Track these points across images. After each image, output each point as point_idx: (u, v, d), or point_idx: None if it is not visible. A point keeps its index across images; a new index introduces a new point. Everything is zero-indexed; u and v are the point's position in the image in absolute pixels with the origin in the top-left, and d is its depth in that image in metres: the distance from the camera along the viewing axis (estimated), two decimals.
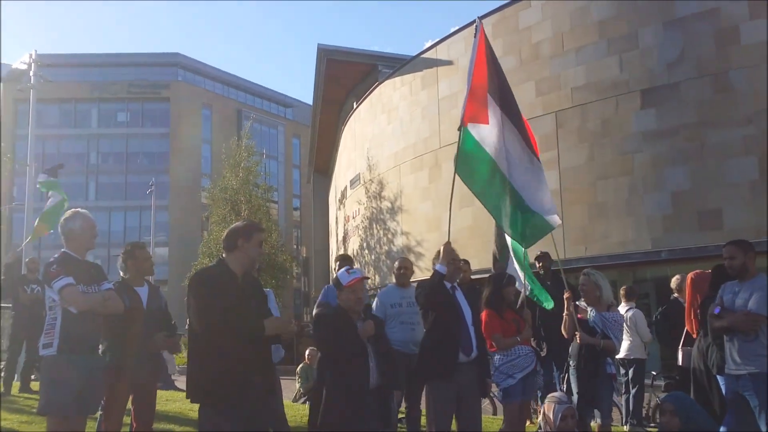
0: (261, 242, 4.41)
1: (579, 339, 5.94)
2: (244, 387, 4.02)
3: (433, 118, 20.03)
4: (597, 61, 15.89)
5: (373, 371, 4.50)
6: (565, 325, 6.14)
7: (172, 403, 9.25)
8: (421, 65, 21.26)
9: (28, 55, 25.28)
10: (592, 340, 5.95)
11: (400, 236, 22.07)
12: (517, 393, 6.12)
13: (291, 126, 66.26)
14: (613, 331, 6.01)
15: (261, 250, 4.45)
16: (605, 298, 6.20)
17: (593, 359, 5.97)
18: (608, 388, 6.04)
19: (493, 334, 5.90)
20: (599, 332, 5.98)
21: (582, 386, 5.97)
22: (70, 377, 4.58)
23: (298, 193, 64.68)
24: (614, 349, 6.08)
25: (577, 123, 16.11)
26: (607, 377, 6.01)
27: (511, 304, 6.38)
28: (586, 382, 5.97)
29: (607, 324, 6.01)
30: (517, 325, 6.22)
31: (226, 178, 31.62)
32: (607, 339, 5.97)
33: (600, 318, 6.03)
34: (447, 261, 5.38)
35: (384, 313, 7.08)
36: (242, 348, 4.02)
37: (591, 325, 6.03)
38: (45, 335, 4.68)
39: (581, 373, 5.99)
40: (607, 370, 6.01)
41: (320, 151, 36.25)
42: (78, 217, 4.95)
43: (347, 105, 30.73)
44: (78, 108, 56.20)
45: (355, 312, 4.63)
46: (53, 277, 4.61)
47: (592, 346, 5.95)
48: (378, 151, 23.89)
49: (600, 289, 6.15)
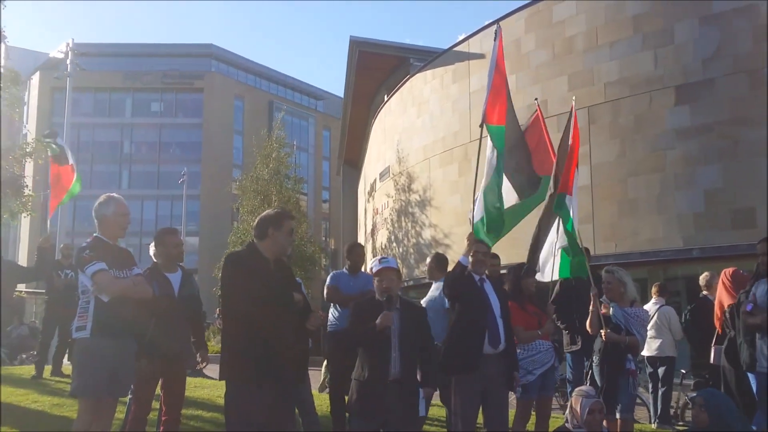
0: (292, 230, 4.44)
1: (605, 337, 5.92)
2: (273, 369, 4.07)
3: (463, 112, 19.97)
4: (631, 56, 15.70)
5: (395, 362, 4.49)
6: (590, 322, 6.12)
7: (201, 389, 9.37)
8: (453, 58, 21.18)
9: (66, 44, 25.63)
10: (619, 338, 5.94)
11: (428, 229, 22.06)
12: (534, 389, 6.15)
13: (321, 118, 66.44)
14: (635, 327, 5.99)
15: (291, 238, 4.48)
16: (629, 295, 6.18)
17: (618, 356, 5.95)
18: (628, 383, 6.01)
19: (513, 326, 5.89)
20: (623, 329, 5.96)
21: (605, 382, 5.95)
22: (103, 360, 4.64)
23: (327, 186, 64.84)
24: (638, 345, 6.05)
25: (609, 118, 15.95)
26: (628, 372, 5.99)
27: (531, 296, 6.38)
28: (609, 378, 5.95)
29: (629, 320, 5.99)
30: (539, 319, 6.22)
31: (257, 169, 31.79)
32: (630, 335, 5.95)
33: (622, 314, 6.00)
34: (471, 252, 5.42)
35: (443, 305, 7.19)
36: (272, 332, 4.07)
37: (614, 322, 6.01)
38: (78, 318, 4.73)
39: (605, 368, 5.98)
40: (627, 365, 5.99)
41: (350, 144, 36.30)
42: (112, 203, 4.98)
43: (378, 98, 30.71)
44: (112, 97, 56.87)
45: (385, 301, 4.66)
46: (86, 263, 4.66)
47: (617, 343, 5.94)
48: (408, 144, 23.87)
49: (624, 286, 6.13)
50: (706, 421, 4.61)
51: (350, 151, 37.08)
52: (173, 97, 57.24)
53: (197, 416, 7.65)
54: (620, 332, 5.95)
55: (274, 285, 4.19)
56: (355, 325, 4.63)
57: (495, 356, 5.36)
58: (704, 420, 4.62)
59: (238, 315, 4.11)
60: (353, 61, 29.99)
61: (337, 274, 7.17)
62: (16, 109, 17.63)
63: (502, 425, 5.41)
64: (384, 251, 24.99)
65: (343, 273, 7.12)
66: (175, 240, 5.71)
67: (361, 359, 4.58)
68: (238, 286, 4.11)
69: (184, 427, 6.20)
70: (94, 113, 55.37)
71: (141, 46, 59.71)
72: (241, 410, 4.11)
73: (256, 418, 4.14)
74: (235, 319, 4.16)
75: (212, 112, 55.73)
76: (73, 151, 8.45)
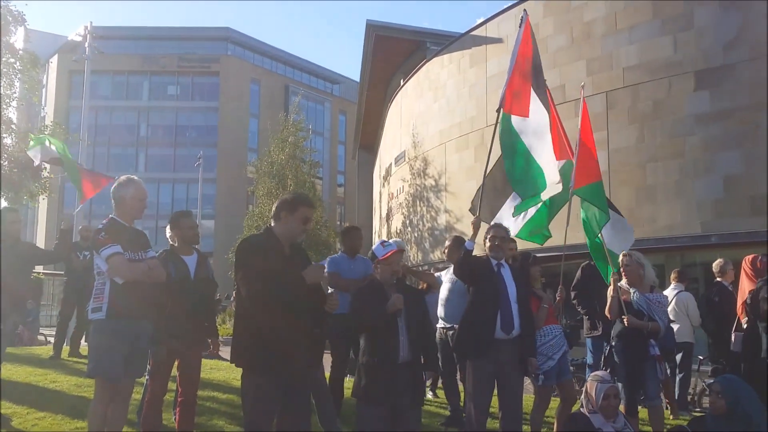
0: (305, 218, 4.32)
1: (627, 322, 5.89)
2: (286, 355, 4.06)
3: (480, 97, 19.85)
4: (650, 41, 15.50)
5: (403, 345, 4.48)
6: (610, 307, 6.08)
7: (217, 371, 9.44)
8: (470, 43, 21.02)
9: (84, 27, 25.70)
10: (641, 324, 5.90)
11: (443, 214, 22.02)
12: (553, 376, 6.14)
13: (337, 102, 66.37)
14: (657, 313, 5.96)
15: (304, 227, 4.35)
16: (648, 278, 6.14)
17: (640, 342, 5.91)
18: (654, 370, 5.97)
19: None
20: (645, 315, 5.93)
21: (630, 369, 5.91)
22: (118, 341, 4.67)
23: (342, 170, 64.87)
24: (660, 331, 6.01)
25: (628, 104, 15.78)
26: (653, 359, 5.96)
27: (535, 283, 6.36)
28: (633, 365, 5.91)
29: (651, 306, 5.96)
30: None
31: (272, 153, 31.82)
32: (652, 321, 5.92)
33: (644, 300, 5.97)
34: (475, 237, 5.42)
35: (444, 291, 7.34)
36: (286, 317, 4.05)
37: (636, 308, 5.97)
38: (94, 300, 4.75)
39: (628, 355, 5.94)
40: (651, 351, 5.96)
41: (366, 128, 36.22)
42: (131, 185, 4.98)
43: (394, 82, 30.58)
44: (130, 80, 57.09)
45: (390, 285, 4.62)
46: (101, 245, 4.66)
47: (639, 329, 5.89)
48: (424, 128, 23.78)
49: (643, 267, 6.10)
50: (723, 408, 4.58)
51: (366, 136, 37.01)
52: (190, 81, 57.36)
53: (213, 398, 7.70)
54: (642, 318, 5.92)
55: (287, 268, 4.16)
56: (361, 311, 4.55)
57: (508, 341, 5.32)
58: (721, 407, 4.59)
59: (250, 299, 4.11)
60: (369, 45, 29.86)
61: (336, 259, 6.99)
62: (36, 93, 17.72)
63: (515, 410, 5.38)
64: (399, 236, 24.97)
65: (343, 257, 6.99)
66: (189, 222, 5.73)
67: (369, 344, 4.52)
68: (251, 270, 4.09)
69: (199, 409, 6.26)
70: (111, 96, 55.67)
71: (158, 30, 59.79)
72: (256, 397, 4.12)
73: (272, 405, 4.15)
74: (248, 303, 4.15)
75: (228, 96, 55.81)
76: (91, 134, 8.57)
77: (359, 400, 4.49)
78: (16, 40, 16.86)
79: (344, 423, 6.15)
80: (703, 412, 7.57)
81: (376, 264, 4.76)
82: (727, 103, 14.18)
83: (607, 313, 6.11)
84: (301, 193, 4.56)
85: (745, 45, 14.06)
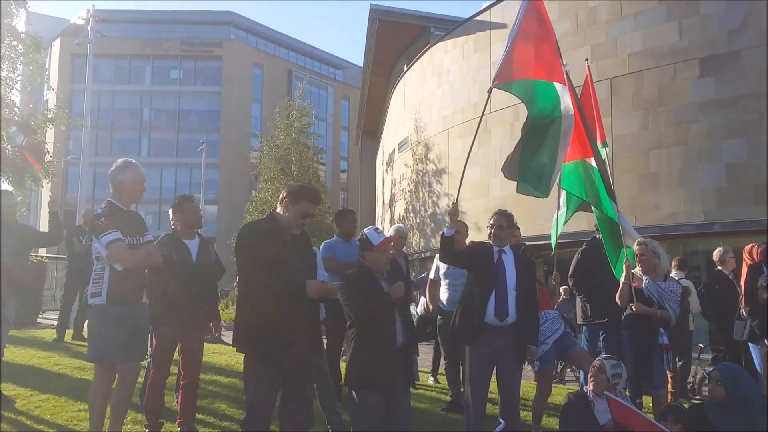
0: (305, 213, 4.26)
1: (635, 309, 5.85)
2: (286, 342, 4.06)
3: (484, 83, 19.73)
4: (655, 27, 15.39)
5: (399, 331, 4.46)
6: (621, 293, 6.01)
7: (219, 355, 9.48)
8: (474, 28, 20.90)
9: (87, 10, 25.63)
10: (649, 311, 5.84)
11: (446, 200, 21.99)
12: (551, 359, 6.14)
13: (341, 87, 66.21)
14: (668, 301, 5.87)
15: (302, 221, 4.30)
16: (662, 267, 6.09)
17: (650, 330, 5.89)
18: (661, 359, 5.95)
19: None
20: (655, 302, 5.88)
21: (638, 357, 5.89)
22: (118, 326, 4.69)
23: (345, 156, 64.83)
24: (669, 319, 5.94)
25: (632, 90, 15.70)
26: (660, 348, 5.93)
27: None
28: (642, 353, 5.88)
29: (662, 294, 5.89)
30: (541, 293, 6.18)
31: (278, 137, 31.77)
32: (662, 309, 5.87)
33: (656, 287, 5.92)
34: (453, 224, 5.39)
35: (438, 275, 7.35)
36: (286, 303, 4.06)
37: (647, 295, 5.93)
38: (93, 285, 4.75)
39: (638, 344, 5.90)
40: (660, 340, 5.93)
41: (369, 114, 36.12)
42: (129, 168, 4.93)
43: (398, 67, 30.47)
44: (132, 64, 57.01)
45: (380, 272, 4.55)
46: (101, 231, 4.64)
47: (648, 317, 5.87)
48: (427, 114, 23.70)
49: (658, 257, 6.03)
50: (723, 396, 4.59)
51: (369, 121, 36.92)
52: (192, 65, 57.25)
53: (215, 381, 7.75)
54: (652, 306, 5.88)
55: (288, 255, 4.16)
56: (360, 299, 4.41)
57: (504, 328, 5.28)
58: (721, 394, 4.60)
59: (251, 284, 4.10)
60: (373, 30, 29.72)
61: (330, 243, 7.01)
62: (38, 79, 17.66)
63: (512, 397, 5.38)
64: (402, 222, 24.96)
65: (338, 241, 7.00)
66: (192, 207, 5.74)
67: (365, 332, 4.40)
68: (252, 255, 4.09)
69: (202, 392, 6.29)
70: (114, 80, 55.59)
71: (161, 13, 59.68)
72: (258, 382, 4.14)
73: (273, 390, 4.17)
74: (249, 289, 4.15)
75: (231, 81, 55.72)
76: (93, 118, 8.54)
77: (356, 389, 4.39)
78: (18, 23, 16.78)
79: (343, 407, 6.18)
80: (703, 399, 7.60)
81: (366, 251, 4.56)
82: (732, 91, 14.10)
83: (618, 299, 6.05)
84: (310, 187, 4.47)
85: (751, 32, 13.97)
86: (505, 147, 18.18)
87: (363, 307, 4.39)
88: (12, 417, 5.82)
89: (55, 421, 5.74)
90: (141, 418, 5.66)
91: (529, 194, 6.11)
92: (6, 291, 6.14)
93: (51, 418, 5.81)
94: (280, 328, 4.04)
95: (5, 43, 15.59)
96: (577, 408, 4.75)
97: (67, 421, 5.76)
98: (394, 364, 4.38)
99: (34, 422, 5.70)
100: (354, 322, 4.46)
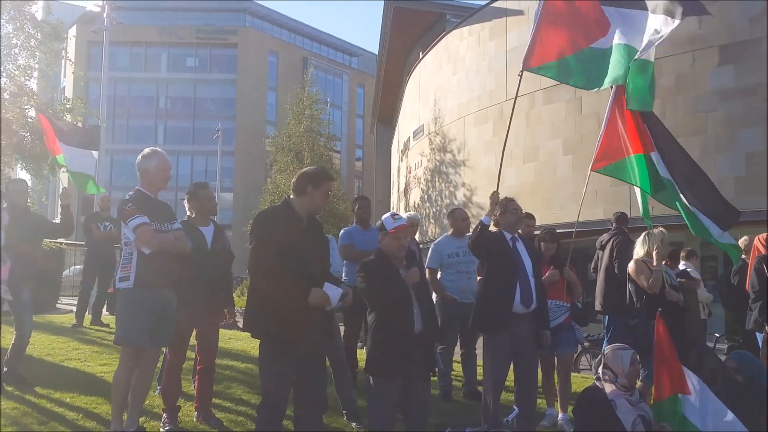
0: (328, 192, 4.38)
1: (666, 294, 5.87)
2: (300, 328, 4.10)
3: (500, 71, 19.63)
4: None
5: (417, 318, 4.46)
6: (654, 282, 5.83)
7: (236, 341, 9.55)
8: (491, 15, 20.76)
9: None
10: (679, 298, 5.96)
11: (461, 188, 21.94)
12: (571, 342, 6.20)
13: (356, 75, 66.06)
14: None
15: (327, 200, 4.42)
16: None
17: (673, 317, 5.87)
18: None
19: None
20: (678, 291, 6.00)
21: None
22: (145, 310, 4.79)
23: (360, 144, 64.75)
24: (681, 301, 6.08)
25: None
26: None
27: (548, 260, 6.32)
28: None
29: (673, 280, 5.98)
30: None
31: (290, 126, 31.78)
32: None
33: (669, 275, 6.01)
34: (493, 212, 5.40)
35: (440, 262, 7.26)
36: (299, 290, 4.08)
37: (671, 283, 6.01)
38: (122, 269, 4.87)
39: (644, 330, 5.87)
40: None
41: (384, 102, 36.03)
42: (154, 156, 5.06)
43: (413, 55, 30.34)
44: (148, 52, 57.13)
45: (397, 258, 4.55)
46: (128, 215, 4.76)
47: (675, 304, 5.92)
48: (442, 102, 23.61)
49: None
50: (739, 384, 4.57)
51: (384, 109, 36.83)
52: (208, 53, 57.32)
53: (231, 366, 7.81)
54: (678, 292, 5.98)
55: (304, 241, 4.20)
56: (377, 286, 4.43)
57: (526, 315, 5.35)
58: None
59: (265, 271, 4.13)
60: (388, 17, 29.60)
61: (350, 231, 7.04)
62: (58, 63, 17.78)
63: (531, 384, 5.42)
64: (417, 210, 24.95)
65: (356, 228, 7.04)
66: (207, 194, 5.82)
67: (383, 319, 4.43)
68: (268, 242, 4.11)
69: (218, 377, 6.36)
70: (130, 68, 55.77)
71: (176, 1, 59.64)
72: (273, 367, 4.18)
73: (289, 374, 4.21)
74: (262, 274, 4.18)
75: (246, 68, 55.74)
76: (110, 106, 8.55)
77: (374, 376, 4.42)
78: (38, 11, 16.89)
79: (359, 394, 6.21)
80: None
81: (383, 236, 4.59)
82: (751, 79, 13.94)
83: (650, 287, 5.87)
84: (323, 168, 4.56)
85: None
86: (521, 135, 18.12)
87: (379, 297, 4.42)
88: (33, 400, 5.91)
89: (75, 404, 5.82)
90: (159, 401, 5.73)
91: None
92: (21, 278, 6.27)
93: (71, 401, 5.90)
94: (295, 313, 4.07)
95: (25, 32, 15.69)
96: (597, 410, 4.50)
97: (87, 404, 5.84)
98: (411, 351, 4.40)
99: (54, 405, 5.79)
100: (373, 309, 4.50)
